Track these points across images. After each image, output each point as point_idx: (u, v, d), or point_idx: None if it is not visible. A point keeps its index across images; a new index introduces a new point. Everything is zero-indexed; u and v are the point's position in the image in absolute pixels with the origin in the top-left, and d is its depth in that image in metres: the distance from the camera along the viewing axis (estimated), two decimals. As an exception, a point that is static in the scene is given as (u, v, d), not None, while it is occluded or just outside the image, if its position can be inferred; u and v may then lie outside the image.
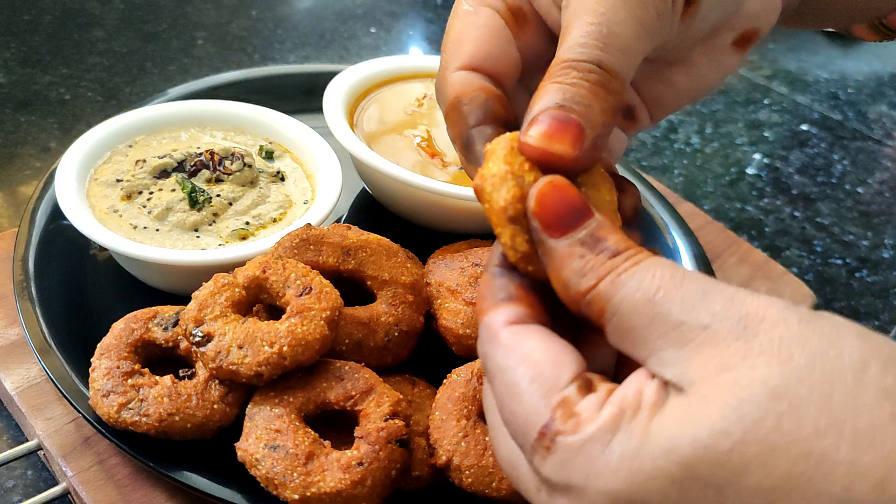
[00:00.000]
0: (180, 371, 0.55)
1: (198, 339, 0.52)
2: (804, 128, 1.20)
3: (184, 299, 0.56)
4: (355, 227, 0.63)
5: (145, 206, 0.67)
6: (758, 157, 1.13)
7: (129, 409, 0.52)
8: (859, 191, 1.08)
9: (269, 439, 0.49)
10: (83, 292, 0.65)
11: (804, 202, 1.04)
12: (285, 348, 0.51)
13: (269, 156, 0.76)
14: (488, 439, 0.51)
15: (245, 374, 0.51)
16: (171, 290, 0.66)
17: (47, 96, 0.99)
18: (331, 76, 0.81)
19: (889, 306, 0.88)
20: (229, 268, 0.57)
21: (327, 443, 0.50)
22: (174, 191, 0.68)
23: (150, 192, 0.68)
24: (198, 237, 0.66)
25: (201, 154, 0.71)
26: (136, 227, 0.66)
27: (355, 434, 0.51)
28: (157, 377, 0.54)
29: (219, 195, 0.69)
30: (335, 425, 0.53)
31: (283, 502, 0.48)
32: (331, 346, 0.54)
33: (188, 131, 0.77)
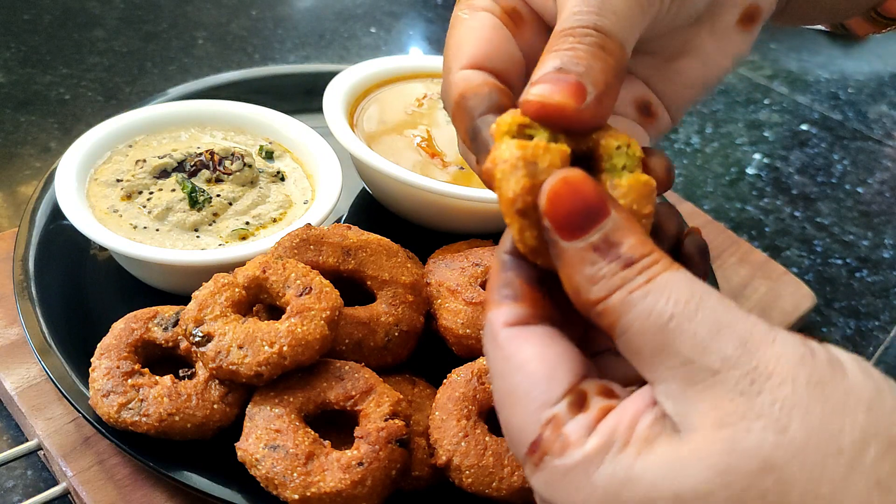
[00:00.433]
0: (180, 371, 0.55)
1: (198, 339, 0.52)
2: (804, 128, 1.20)
3: (184, 299, 0.56)
4: (355, 227, 0.63)
5: (145, 206, 0.67)
6: (758, 157, 1.13)
7: (129, 409, 0.52)
8: (859, 191, 1.08)
9: (269, 439, 0.49)
10: (83, 292, 0.65)
11: (804, 202, 1.04)
12: (285, 348, 0.51)
13: (269, 156, 0.76)
14: (488, 439, 0.51)
15: (245, 374, 0.51)
16: (171, 290, 0.66)
17: (47, 96, 0.99)
18: (331, 76, 0.81)
19: (889, 306, 0.88)
20: (229, 268, 0.57)
21: (327, 443, 0.50)
22: (174, 191, 0.68)
23: (150, 192, 0.68)
24: (198, 237, 0.66)
25: (201, 154, 0.71)
26: (136, 227, 0.66)
27: (355, 434, 0.51)
28: (157, 377, 0.54)
29: (219, 195, 0.69)
30: (335, 425, 0.53)
31: (283, 502, 0.48)
32: (331, 346, 0.54)
33: (188, 131, 0.77)
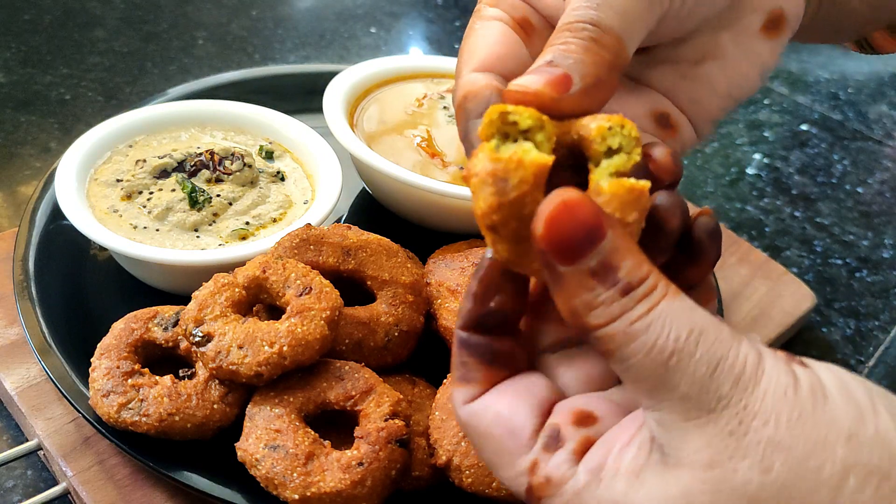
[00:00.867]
0: (180, 371, 0.55)
1: (198, 339, 0.52)
2: (804, 128, 1.20)
3: (184, 299, 0.56)
4: (355, 227, 0.63)
5: (145, 206, 0.67)
6: (758, 157, 1.13)
7: (129, 409, 0.52)
8: (859, 191, 1.08)
9: (269, 439, 0.49)
10: (83, 292, 0.65)
11: (804, 202, 1.04)
12: (285, 348, 0.51)
13: (269, 156, 0.76)
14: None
15: (245, 374, 0.51)
16: (171, 290, 0.66)
17: (47, 96, 0.99)
18: (331, 76, 0.81)
19: (889, 306, 0.88)
20: (229, 268, 0.57)
21: (327, 443, 0.50)
22: (174, 191, 0.68)
23: (150, 192, 0.68)
24: (198, 237, 0.66)
25: (201, 154, 0.71)
26: (136, 227, 0.66)
27: (355, 434, 0.51)
28: (157, 377, 0.54)
29: (219, 195, 0.69)
30: (335, 425, 0.53)
31: (283, 502, 0.48)
32: (331, 346, 0.54)
33: (188, 131, 0.77)
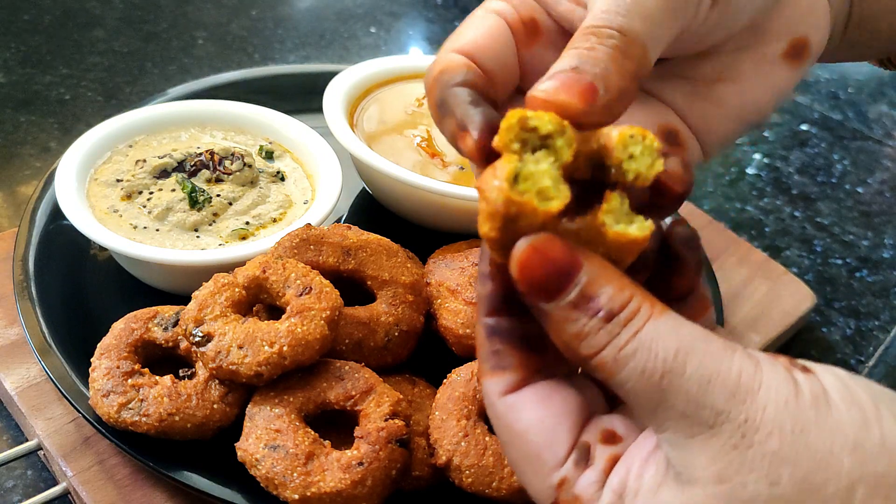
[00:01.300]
0: (180, 371, 0.55)
1: (198, 339, 0.52)
2: (804, 128, 1.20)
3: (184, 299, 0.56)
4: (355, 227, 0.63)
5: (145, 206, 0.67)
6: (758, 157, 1.13)
7: (129, 409, 0.52)
8: (859, 191, 1.08)
9: (269, 439, 0.49)
10: (83, 292, 0.65)
11: (804, 202, 1.04)
12: (285, 348, 0.51)
13: (269, 156, 0.76)
14: (488, 439, 0.51)
15: (245, 374, 0.51)
16: (171, 290, 0.66)
17: (47, 96, 0.99)
18: (331, 76, 0.81)
19: (889, 306, 0.88)
20: (229, 268, 0.57)
21: (327, 443, 0.50)
22: (174, 191, 0.68)
23: (150, 192, 0.68)
24: (198, 237, 0.66)
25: (201, 154, 0.71)
26: (136, 227, 0.66)
27: (355, 434, 0.51)
28: (157, 377, 0.54)
29: (219, 195, 0.69)
30: (335, 425, 0.53)
31: (283, 502, 0.48)
32: (331, 346, 0.54)
33: (188, 131, 0.77)
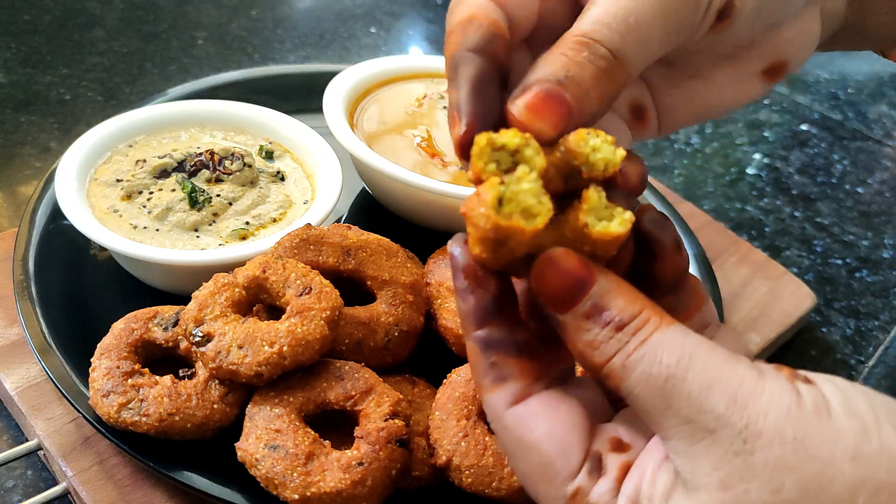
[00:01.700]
0: (180, 371, 0.55)
1: (198, 339, 0.52)
2: (804, 128, 1.20)
3: (184, 299, 0.56)
4: (355, 227, 0.63)
5: (145, 206, 0.67)
6: (758, 157, 1.13)
7: (129, 409, 0.52)
8: (859, 191, 1.08)
9: (269, 439, 0.49)
10: (83, 292, 0.65)
11: (804, 202, 1.04)
12: (285, 348, 0.51)
13: (269, 156, 0.76)
14: (488, 439, 0.51)
15: (245, 374, 0.51)
16: (171, 290, 0.66)
17: (47, 96, 0.99)
18: (331, 76, 0.81)
19: (889, 306, 0.88)
20: (229, 268, 0.57)
21: (327, 443, 0.50)
22: (174, 191, 0.68)
23: (150, 192, 0.68)
24: (198, 237, 0.66)
25: (201, 154, 0.71)
26: (136, 227, 0.66)
27: (355, 434, 0.51)
28: (157, 377, 0.54)
29: (219, 195, 0.69)
30: (335, 425, 0.53)
31: (283, 502, 0.48)
32: (331, 346, 0.54)
33: (188, 131, 0.77)
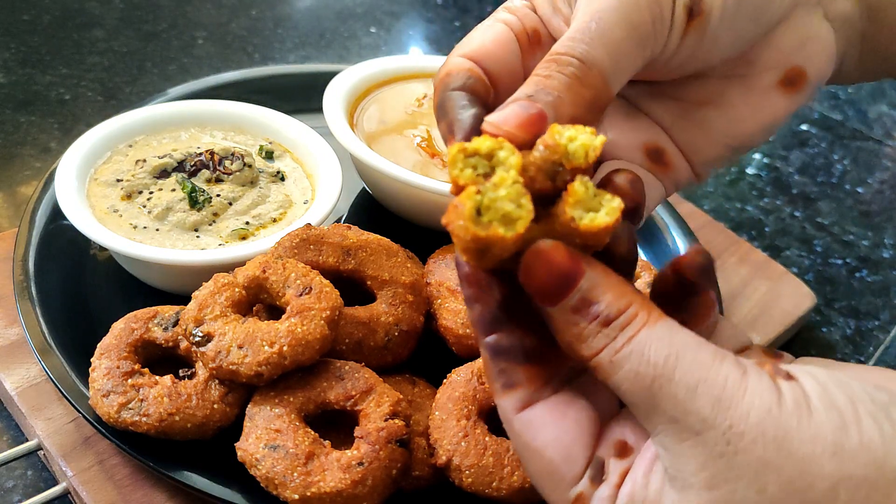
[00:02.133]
0: (180, 371, 0.55)
1: (198, 339, 0.52)
2: (804, 128, 1.20)
3: (184, 299, 0.56)
4: (355, 227, 0.63)
5: (145, 206, 0.67)
6: (758, 157, 1.13)
7: (129, 409, 0.52)
8: (859, 190, 1.08)
9: (269, 439, 0.49)
10: (83, 292, 0.65)
11: (804, 202, 1.04)
12: (285, 348, 0.51)
13: (269, 156, 0.76)
14: (488, 439, 0.51)
15: (245, 374, 0.51)
16: (171, 290, 0.66)
17: (47, 96, 0.99)
18: (331, 76, 0.81)
19: (889, 306, 0.88)
20: (229, 268, 0.57)
21: (327, 443, 0.50)
22: (174, 191, 0.68)
23: (150, 192, 0.68)
24: (198, 237, 0.66)
25: (201, 154, 0.71)
26: (136, 227, 0.66)
27: (355, 434, 0.51)
28: (157, 377, 0.54)
29: (219, 195, 0.69)
30: (335, 425, 0.53)
31: (283, 502, 0.48)
32: (331, 346, 0.54)
33: (188, 131, 0.77)
